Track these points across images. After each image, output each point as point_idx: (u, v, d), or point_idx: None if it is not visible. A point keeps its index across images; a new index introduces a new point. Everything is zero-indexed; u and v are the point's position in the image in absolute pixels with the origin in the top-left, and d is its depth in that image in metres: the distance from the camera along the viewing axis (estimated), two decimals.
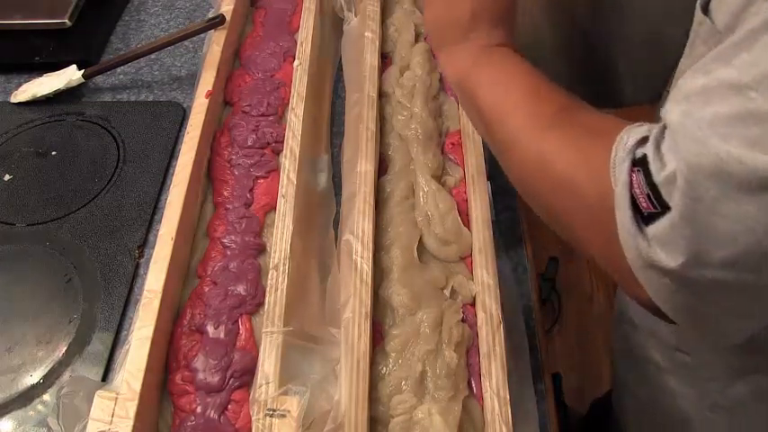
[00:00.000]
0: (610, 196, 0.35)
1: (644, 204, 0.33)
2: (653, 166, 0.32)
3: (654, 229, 0.32)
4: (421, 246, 0.60)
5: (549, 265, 1.43)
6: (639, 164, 0.33)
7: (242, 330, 0.57)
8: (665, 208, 0.32)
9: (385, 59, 0.77)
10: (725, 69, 0.29)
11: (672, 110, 0.32)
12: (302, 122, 0.67)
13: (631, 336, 0.65)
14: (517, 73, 0.48)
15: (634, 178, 0.33)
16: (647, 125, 0.35)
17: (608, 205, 0.35)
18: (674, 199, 0.31)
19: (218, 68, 0.74)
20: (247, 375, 0.54)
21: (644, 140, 0.34)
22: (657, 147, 0.33)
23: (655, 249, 0.32)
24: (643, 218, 0.33)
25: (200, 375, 0.54)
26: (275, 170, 0.68)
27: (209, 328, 0.56)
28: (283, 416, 0.48)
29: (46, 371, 0.59)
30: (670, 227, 0.31)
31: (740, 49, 0.29)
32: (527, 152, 0.43)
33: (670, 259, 0.32)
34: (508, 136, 0.45)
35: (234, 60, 0.81)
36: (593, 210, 0.37)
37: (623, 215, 0.34)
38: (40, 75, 0.82)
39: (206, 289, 0.59)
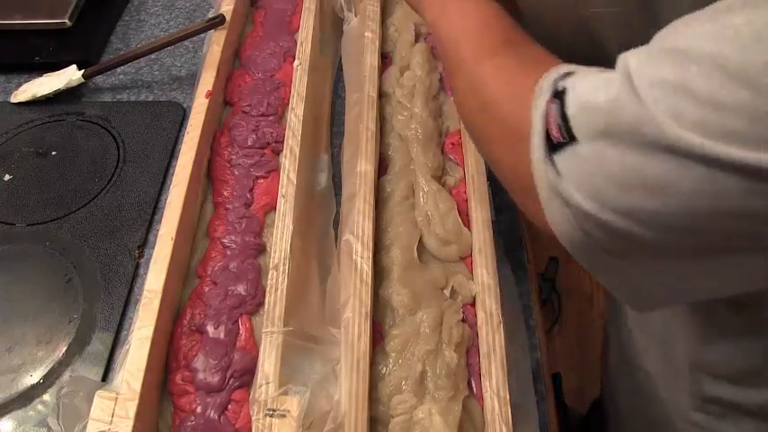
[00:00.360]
0: (526, 121, 0.37)
1: (555, 134, 0.34)
2: (568, 99, 0.34)
3: (560, 158, 0.34)
4: (421, 246, 0.60)
5: (549, 265, 1.44)
6: (558, 96, 0.35)
7: (242, 330, 0.57)
8: (572, 139, 0.33)
9: (385, 59, 0.77)
10: (683, 36, 0.30)
11: (631, 57, 0.32)
12: (302, 122, 0.67)
13: (625, 340, 0.65)
14: (479, 8, 0.50)
15: (551, 108, 0.35)
16: (580, 66, 0.37)
17: (523, 129, 0.37)
18: (581, 132, 0.33)
19: (218, 68, 0.74)
20: (247, 375, 0.54)
21: (569, 75, 0.36)
22: (577, 82, 0.34)
23: (561, 180, 0.34)
24: (552, 147, 0.34)
25: (200, 375, 0.54)
26: (275, 170, 0.68)
27: (209, 328, 0.56)
28: (283, 416, 0.48)
29: (46, 371, 0.59)
30: (575, 159, 0.33)
31: (705, 18, 0.29)
32: (466, 77, 0.46)
33: (575, 192, 0.33)
34: (455, 64, 0.48)
35: (234, 60, 0.81)
36: (510, 131, 0.40)
37: (537, 142, 0.35)
38: (40, 75, 0.82)
39: (206, 289, 0.59)
